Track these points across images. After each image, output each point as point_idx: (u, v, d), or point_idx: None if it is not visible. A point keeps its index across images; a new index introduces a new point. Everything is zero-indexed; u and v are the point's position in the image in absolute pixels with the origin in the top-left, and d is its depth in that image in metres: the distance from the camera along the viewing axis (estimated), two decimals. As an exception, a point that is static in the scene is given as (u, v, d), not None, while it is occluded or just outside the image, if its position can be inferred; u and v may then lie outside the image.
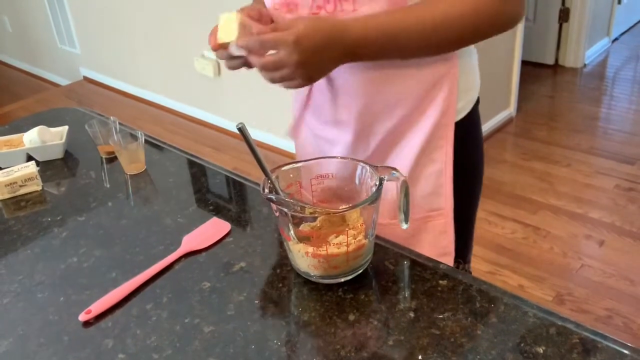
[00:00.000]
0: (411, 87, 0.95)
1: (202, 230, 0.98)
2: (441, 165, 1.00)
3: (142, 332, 0.79)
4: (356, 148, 1.02)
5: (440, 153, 1.00)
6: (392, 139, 1.00)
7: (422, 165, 1.00)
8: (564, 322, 0.74)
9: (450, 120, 0.98)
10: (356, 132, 1.00)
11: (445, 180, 1.02)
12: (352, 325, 0.76)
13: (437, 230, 1.04)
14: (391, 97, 0.96)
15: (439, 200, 1.03)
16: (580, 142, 3.21)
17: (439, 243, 1.05)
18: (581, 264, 2.30)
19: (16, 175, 1.12)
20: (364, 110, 0.98)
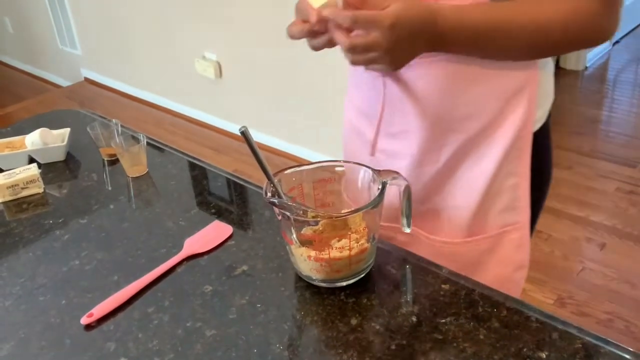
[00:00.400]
0: (491, 95, 0.88)
1: (204, 234, 0.97)
2: (519, 178, 0.94)
3: (144, 336, 0.78)
4: (424, 161, 0.95)
5: (518, 165, 0.93)
6: (466, 151, 0.93)
7: (499, 180, 0.93)
8: (566, 327, 0.74)
9: (528, 131, 0.91)
10: (426, 143, 0.93)
11: (523, 193, 0.95)
12: (354, 329, 0.76)
13: (513, 245, 0.98)
14: (469, 106, 0.89)
15: (515, 213, 0.96)
16: (581, 145, 3.21)
17: (515, 257, 0.99)
18: (582, 267, 2.30)
19: (18, 177, 1.12)
20: (438, 119, 0.90)
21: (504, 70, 0.87)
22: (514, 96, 0.89)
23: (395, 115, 0.94)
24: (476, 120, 0.90)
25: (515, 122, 0.90)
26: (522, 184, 0.95)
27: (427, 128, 0.91)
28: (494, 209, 0.96)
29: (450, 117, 0.90)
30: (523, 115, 0.90)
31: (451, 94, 0.88)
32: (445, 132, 0.91)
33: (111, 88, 4.41)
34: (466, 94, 0.88)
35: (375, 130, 0.96)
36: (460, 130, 0.91)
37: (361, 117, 1.03)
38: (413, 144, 0.94)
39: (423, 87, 0.88)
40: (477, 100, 0.89)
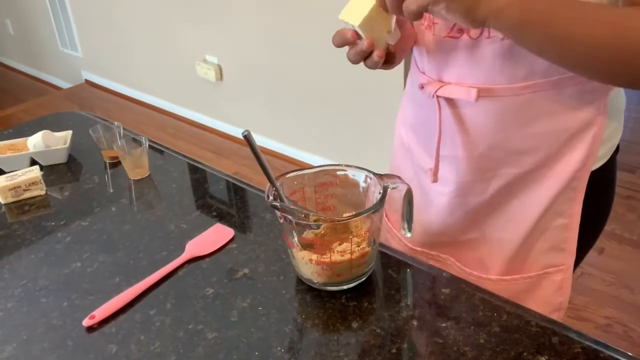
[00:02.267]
0: (551, 134, 0.83)
1: (205, 236, 0.98)
2: (569, 219, 0.88)
3: (145, 338, 0.79)
4: (470, 190, 0.91)
5: (570, 206, 0.87)
6: (517, 186, 0.88)
7: (548, 219, 0.89)
8: (566, 331, 0.75)
9: (587, 171, 0.85)
10: (474, 173, 0.89)
11: (571, 235, 0.90)
12: (355, 332, 0.77)
13: (554, 287, 0.93)
14: (525, 142, 0.84)
15: (560, 255, 0.91)
16: (580, 150, 3.21)
17: (554, 300, 0.94)
18: (581, 272, 2.30)
19: (20, 179, 1.12)
20: (489, 150, 0.86)
21: (569, 110, 0.81)
22: (576, 135, 0.83)
23: (445, 140, 0.90)
24: (531, 157, 0.85)
25: (573, 161, 0.84)
26: (572, 226, 0.89)
27: (477, 157, 0.88)
28: (537, 249, 0.92)
29: (503, 150, 0.86)
30: (583, 156, 0.84)
31: (508, 128, 0.84)
32: (496, 164, 0.87)
33: (112, 90, 4.42)
34: (524, 130, 0.83)
35: (436, 156, 0.90)
36: (512, 164, 0.86)
37: (411, 134, 1.00)
38: (460, 171, 0.90)
39: (479, 116, 0.85)
40: (535, 138, 0.84)
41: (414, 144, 1.00)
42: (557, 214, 0.88)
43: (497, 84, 0.81)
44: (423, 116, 0.94)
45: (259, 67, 3.14)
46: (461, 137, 0.88)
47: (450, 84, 0.86)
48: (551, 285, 0.93)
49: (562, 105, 0.81)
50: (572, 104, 0.81)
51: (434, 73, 0.89)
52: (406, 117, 1.02)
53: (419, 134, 0.98)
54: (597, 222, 0.96)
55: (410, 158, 1.01)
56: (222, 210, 1.07)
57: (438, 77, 0.88)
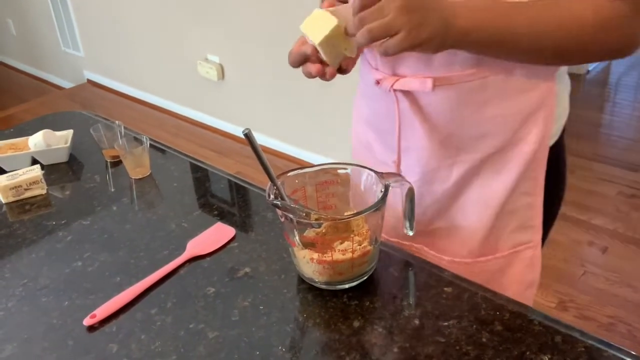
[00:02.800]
0: (506, 117, 0.86)
1: (206, 235, 0.98)
2: (533, 197, 0.92)
3: (146, 337, 0.79)
4: (434, 178, 0.93)
5: (533, 185, 0.91)
6: (479, 171, 0.91)
7: (513, 199, 0.92)
8: (569, 331, 0.74)
9: (544, 151, 0.90)
10: (436, 161, 0.91)
11: (537, 212, 0.94)
12: (357, 331, 0.76)
13: (525, 264, 0.97)
14: (482, 127, 0.87)
15: (528, 233, 0.95)
16: (583, 149, 3.20)
17: (527, 276, 0.98)
18: (584, 270, 2.29)
19: (21, 178, 1.12)
20: (449, 137, 0.89)
21: (520, 92, 0.84)
22: (530, 116, 0.86)
23: (405, 131, 0.92)
24: (490, 141, 0.88)
25: (530, 142, 0.87)
26: (536, 204, 0.93)
27: (437, 145, 0.90)
28: (506, 229, 0.94)
29: (463, 136, 0.88)
30: (539, 136, 0.87)
31: (464, 114, 0.86)
32: (457, 150, 0.90)
33: (113, 90, 4.42)
34: (479, 116, 0.86)
35: (397, 149, 0.93)
36: (473, 149, 0.89)
37: (369, 131, 1.02)
38: (423, 161, 0.92)
39: (436, 105, 0.87)
40: (492, 121, 0.86)
41: (373, 140, 1.01)
42: (522, 194, 0.92)
43: (450, 72, 0.84)
44: (380, 111, 0.95)
45: (260, 67, 3.14)
46: (420, 127, 0.89)
47: (406, 77, 0.87)
48: (522, 262, 0.97)
49: (513, 88, 0.84)
50: (523, 86, 0.84)
51: (388, 68, 0.90)
52: (362, 114, 1.04)
53: (377, 129, 0.99)
54: (556, 196, 0.99)
55: (372, 154, 1.02)
56: (223, 209, 1.06)
57: (392, 71, 0.89)
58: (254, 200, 1.09)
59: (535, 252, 0.97)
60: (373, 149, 1.02)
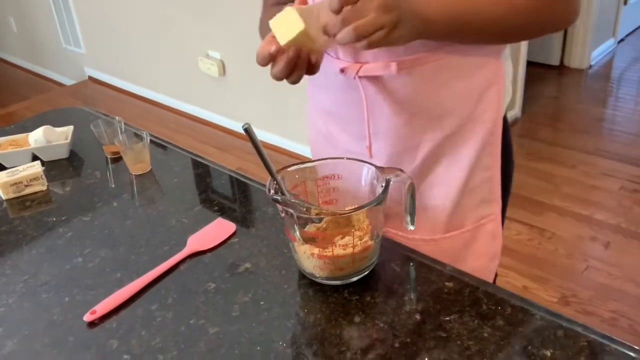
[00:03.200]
0: (463, 94, 0.92)
1: (207, 231, 0.97)
2: (491, 171, 0.97)
3: (147, 333, 0.78)
4: (401, 160, 0.96)
5: (491, 159, 0.97)
6: (443, 149, 0.95)
7: (475, 174, 0.96)
8: (571, 325, 0.74)
9: (499, 126, 0.95)
10: (402, 142, 0.95)
11: (496, 186, 0.99)
12: (358, 327, 0.76)
13: (488, 236, 1.01)
14: (443, 105, 0.92)
15: (490, 206, 1.00)
16: (585, 144, 3.20)
17: (490, 248, 1.02)
18: (586, 265, 2.29)
19: (21, 175, 1.12)
20: (413, 118, 0.92)
21: (475, 69, 0.91)
22: (485, 92, 0.92)
23: (372, 117, 0.94)
24: (451, 119, 0.93)
25: (486, 118, 0.93)
26: (494, 177, 0.98)
27: (402, 127, 0.93)
28: (470, 204, 0.99)
29: (426, 116, 0.92)
30: (494, 111, 0.94)
31: (427, 95, 0.91)
32: (421, 130, 0.93)
33: (115, 87, 4.42)
34: (441, 95, 0.91)
35: (367, 133, 0.95)
36: (436, 128, 0.93)
37: (330, 122, 1.04)
38: (390, 143, 0.95)
39: (400, 88, 0.90)
40: (452, 100, 0.91)
41: (336, 131, 1.03)
42: (482, 169, 0.97)
43: (412, 55, 0.87)
44: (344, 100, 0.97)
45: (261, 62, 3.13)
46: (387, 110, 0.92)
47: (368, 63, 0.90)
48: (486, 235, 1.01)
49: (469, 66, 0.91)
50: (477, 64, 0.91)
51: (350, 57, 0.92)
52: (320, 106, 1.06)
53: (340, 119, 1.01)
54: (507, 171, 1.03)
55: (334, 146, 1.05)
56: (224, 205, 1.06)
57: (355, 59, 0.91)
58: (254, 196, 1.09)
59: (496, 225, 1.02)
60: (335, 139, 1.04)
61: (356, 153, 0.98)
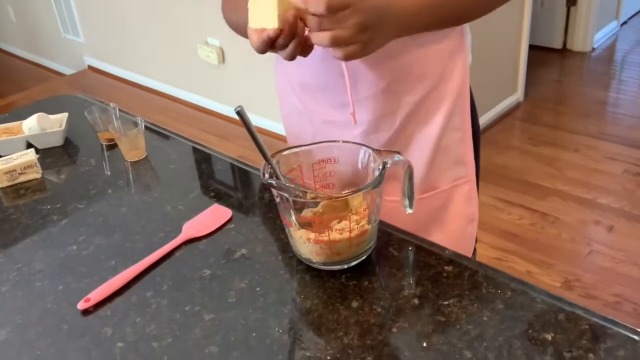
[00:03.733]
0: (435, 57, 0.95)
1: (202, 217, 0.96)
2: (463, 132, 1.01)
3: (141, 320, 0.77)
4: (379, 126, 0.99)
5: (462, 120, 1.00)
6: (417, 112, 0.98)
7: (447, 135, 1.00)
8: (573, 308, 0.72)
9: (466, 88, 1.00)
10: (383, 107, 0.97)
11: (468, 147, 1.02)
12: (356, 312, 0.75)
13: (463, 198, 1.04)
14: (417, 69, 0.94)
15: (463, 167, 1.03)
16: (588, 127, 3.17)
17: (466, 210, 1.05)
18: (590, 249, 2.27)
19: (15, 162, 1.10)
20: (392, 83, 0.95)
21: (444, 35, 0.94)
22: (453, 55, 0.96)
23: (352, 84, 0.95)
24: (425, 81, 0.96)
25: (455, 80, 0.97)
26: (466, 138, 1.02)
27: (381, 93, 0.95)
28: (444, 164, 1.02)
29: (404, 80, 0.95)
30: (461, 74, 0.98)
31: (404, 60, 0.93)
32: (399, 95, 0.96)
33: (115, 76, 4.40)
34: (416, 58, 0.94)
35: (351, 99, 0.94)
36: (412, 92, 0.96)
37: (306, 96, 1.04)
38: (369, 110, 0.97)
39: (379, 53, 0.88)
40: (425, 63, 0.95)
41: (312, 104, 1.03)
42: (453, 130, 1.00)
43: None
44: (323, 70, 0.97)
45: (261, 49, 3.10)
46: (366, 77, 0.94)
47: None
48: (461, 196, 1.04)
49: (439, 32, 0.94)
50: (445, 30, 0.94)
51: None
52: (294, 81, 1.05)
53: (318, 90, 1.01)
54: (474, 132, 1.06)
55: (309, 118, 1.05)
56: (220, 191, 1.04)
57: None
58: (251, 182, 1.07)
59: (471, 186, 1.05)
60: (311, 112, 1.04)
61: (335, 123, 1.00)
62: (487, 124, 3.21)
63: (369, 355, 0.69)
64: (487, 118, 3.21)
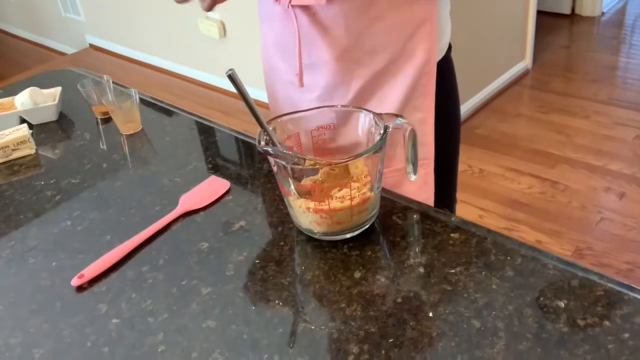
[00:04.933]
0: (394, 31, 0.91)
1: (199, 189, 0.93)
2: (424, 113, 0.97)
3: (137, 296, 0.75)
4: (333, 94, 0.97)
5: (423, 101, 0.96)
6: (374, 85, 0.96)
7: (404, 114, 0.96)
8: (586, 274, 0.69)
9: (432, 67, 0.95)
10: (334, 76, 0.95)
11: (429, 129, 0.98)
12: (358, 282, 0.72)
13: (417, 182, 1.00)
14: (374, 40, 0.91)
15: (421, 150, 0.97)
16: (598, 93, 3.10)
17: (420, 195, 1.00)
18: (601, 217, 2.23)
19: (8, 138, 1.07)
20: (345, 52, 0.93)
21: (406, 6, 0.90)
22: (416, 32, 0.92)
23: (307, 47, 0.94)
24: (382, 54, 0.93)
25: (418, 56, 0.93)
26: (427, 120, 0.98)
27: (336, 61, 0.93)
28: (400, 143, 0.96)
29: (358, 50, 0.92)
30: (425, 52, 0.93)
31: (359, 28, 0.90)
32: (354, 65, 0.94)
33: (116, 54, 4.35)
34: (373, 29, 0.90)
35: (298, 61, 0.95)
36: (367, 64, 0.93)
37: (276, 53, 1.04)
38: (324, 76, 0.96)
39: (332, 20, 0.90)
40: (382, 35, 0.91)
41: (279, 61, 1.04)
42: (414, 109, 0.97)
43: None
44: (282, 31, 0.98)
45: (262, 21, 3.04)
46: (320, 42, 0.93)
47: None
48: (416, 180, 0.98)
49: (400, 2, 0.89)
50: (408, 2, 0.90)
51: None
52: (267, 38, 1.06)
53: (281, 49, 1.02)
54: (447, 112, 1.03)
55: (279, 77, 1.06)
56: (217, 162, 1.01)
57: None
58: (249, 152, 1.04)
59: (428, 171, 1.01)
60: (278, 70, 1.05)
61: (295, 84, 0.99)
62: (495, 92, 3.15)
63: (372, 327, 0.66)
64: (495, 86, 3.14)
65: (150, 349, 0.67)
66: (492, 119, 2.94)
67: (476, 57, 2.81)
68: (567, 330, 0.63)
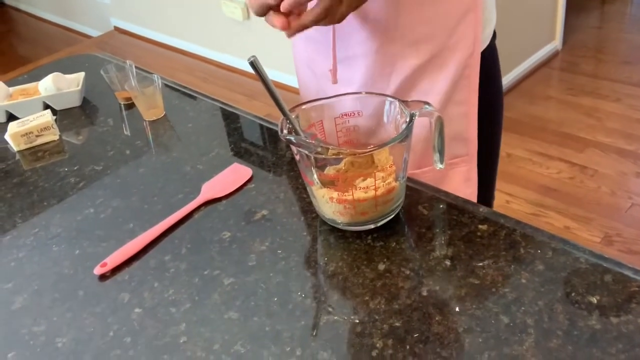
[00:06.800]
0: (437, 21, 0.87)
1: (222, 177, 0.92)
2: (466, 107, 0.93)
3: (159, 285, 0.74)
4: (372, 89, 0.92)
5: (466, 94, 0.93)
6: (416, 78, 0.92)
7: (449, 108, 0.93)
8: (620, 269, 0.66)
9: (476, 58, 0.91)
10: (373, 69, 0.91)
11: (472, 124, 0.95)
12: (382, 275, 0.70)
13: (460, 178, 0.98)
14: (415, 32, 0.87)
15: (463, 145, 0.96)
16: (630, 75, 3.01)
17: (462, 192, 0.96)
18: (631, 203, 2.18)
19: (32, 124, 1.07)
20: (384, 44, 0.89)
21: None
22: (461, 21, 0.88)
23: (343, 40, 0.90)
24: (424, 47, 0.89)
25: (462, 47, 0.89)
26: (470, 114, 0.94)
27: (374, 54, 0.90)
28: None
29: (398, 42, 0.88)
30: (470, 41, 0.89)
31: (399, 19, 0.86)
32: (394, 58, 0.90)
33: (141, 36, 4.36)
34: (414, 20, 0.87)
35: (332, 56, 0.91)
36: (409, 56, 0.89)
37: (309, 46, 1.00)
38: (361, 71, 0.92)
39: (373, 10, 0.85)
40: (425, 26, 0.87)
41: (314, 52, 1.00)
42: (456, 103, 0.93)
43: None
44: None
45: (286, 3, 3.01)
46: (358, 34, 0.89)
47: None
48: (459, 176, 0.98)
49: None
50: None
51: None
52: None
53: (316, 41, 0.98)
54: (491, 108, 1.00)
55: (313, 70, 1.02)
56: (240, 149, 1.00)
57: None
58: (272, 139, 1.02)
59: (471, 166, 0.98)
60: (314, 63, 1.01)
61: (329, 77, 0.95)
62: (524, 74, 3.08)
63: (396, 320, 0.64)
64: (524, 68, 3.08)
65: (173, 339, 0.67)
66: (520, 102, 2.88)
67: (505, 38, 2.74)
68: (600, 327, 0.60)
